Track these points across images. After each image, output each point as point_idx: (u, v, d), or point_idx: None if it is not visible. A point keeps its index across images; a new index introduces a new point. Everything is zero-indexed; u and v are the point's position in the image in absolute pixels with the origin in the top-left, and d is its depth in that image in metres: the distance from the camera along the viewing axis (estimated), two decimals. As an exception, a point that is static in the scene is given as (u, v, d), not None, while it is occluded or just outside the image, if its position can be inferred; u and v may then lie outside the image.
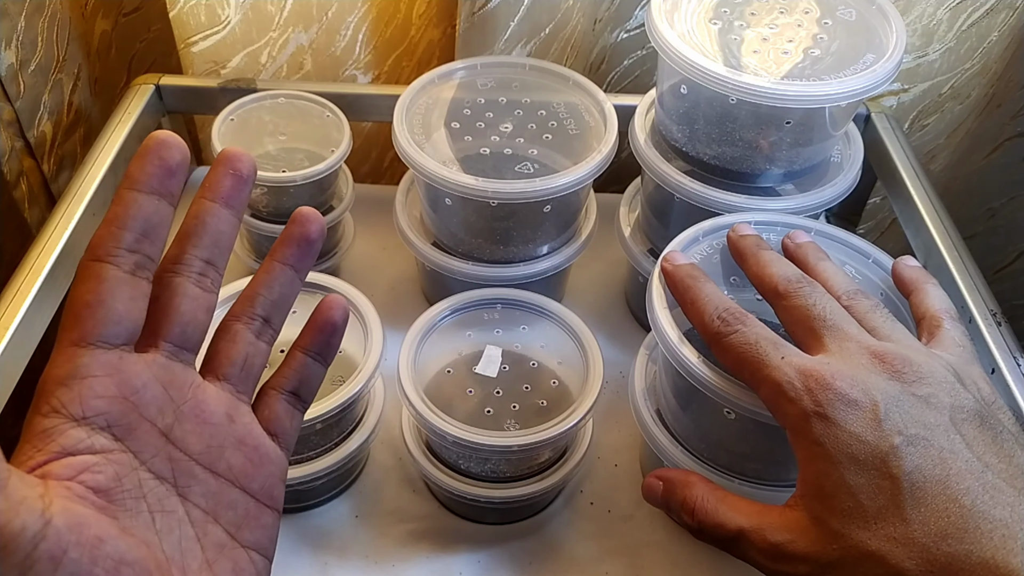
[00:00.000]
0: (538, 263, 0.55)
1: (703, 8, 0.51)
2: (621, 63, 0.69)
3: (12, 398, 0.46)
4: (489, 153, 0.53)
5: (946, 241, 0.54)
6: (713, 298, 0.40)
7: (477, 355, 0.48)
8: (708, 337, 0.39)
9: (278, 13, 0.63)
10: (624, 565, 0.47)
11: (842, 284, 0.41)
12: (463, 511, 0.49)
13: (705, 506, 0.37)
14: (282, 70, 0.66)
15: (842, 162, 0.54)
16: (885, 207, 0.75)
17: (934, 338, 0.39)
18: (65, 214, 0.52)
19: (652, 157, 0.53)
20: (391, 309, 0.58)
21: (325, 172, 0.55)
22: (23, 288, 0.48)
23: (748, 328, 0.38)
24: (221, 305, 0.49)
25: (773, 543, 0.34)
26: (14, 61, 0.57)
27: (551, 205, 0.52)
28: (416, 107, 0.55)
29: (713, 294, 0.40)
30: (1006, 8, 0.63)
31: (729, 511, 0.37)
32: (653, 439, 0.45)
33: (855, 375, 0.35)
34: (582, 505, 0.50)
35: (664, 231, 0.55)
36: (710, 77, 0.46)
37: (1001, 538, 0.31)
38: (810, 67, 0.48)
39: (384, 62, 0.67)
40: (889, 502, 0.32)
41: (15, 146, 0.60)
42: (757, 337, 0.37)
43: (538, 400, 0.46)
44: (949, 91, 0.68)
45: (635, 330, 0.60)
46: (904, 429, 0.33)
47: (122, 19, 0.71)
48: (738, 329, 0.38)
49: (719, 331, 0.38)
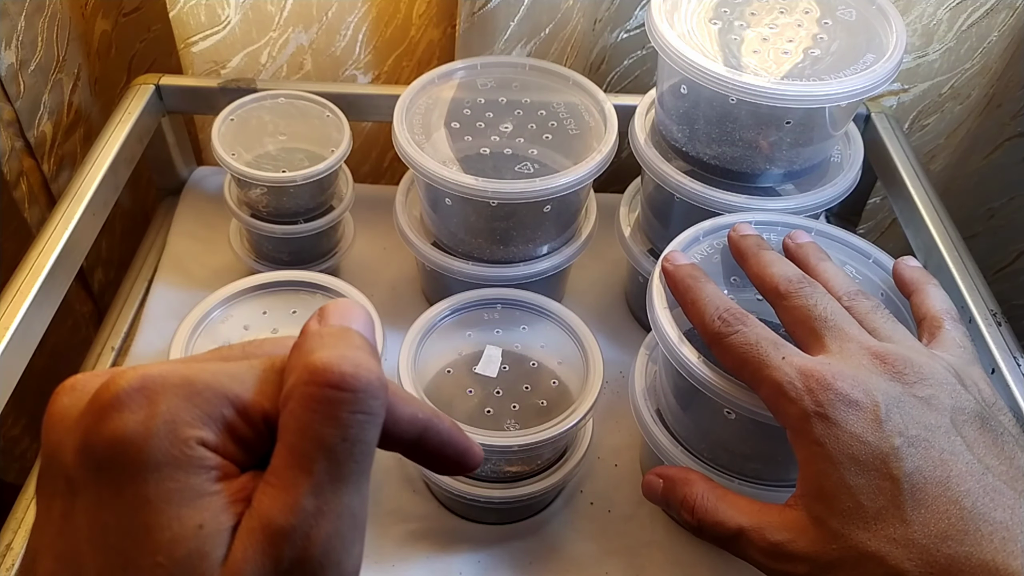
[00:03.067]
0: (538, 263, 0.55)
1: (703, 8, 0.51)
2: (621, 63, 0.69)
3: (12, 398, 0.46)
4: (489, 153, 0.53)
5: (946, 241, 0.54)
6: (714, 298, 0.40)
7: (477, 355, 0.48)
8: (709, 337, 0.39)
9: (278, 13, 0.63)
10: (624, 565, 0.47)
11: (843, 285, 0.41)
12: (463, 511, 0.49)
13: (705, 504, 0.37)
14: (282, 70, 0.66)
15: (842, 162, 0.54)
16: (885, 207, 0.75)
17: (935, 339, 0.39)
18: (65, 214, 0.52)
19: (652, 157, 0.53)
20: (391, 309, 0.58)
21: (325, 172, 0.55)
22: (23, 288, 0.48)
23: (748, 328, 0.38)
24: (221, 305, 0.49)
25: (773, 542, 0.34)
26: (14, 61, 0.57)
27: (551, 205, 0.52)
28: (416, 107, 0.55)
29: (714, 294, 0.40)
30: (1006, 8, 0.63)
31: (729, 509, 0.37)
32: (653, 439, 0.45)
33: (856, 376, 0.35)
34: (582, 505, 0.50)
35: (664, 231, 0.55)
36: (710, 77, 0.46)
37: (1001, 540, 0.31)
38: (810, 67, 0.48)
39: (384, 62, 0.67)
40: (889, 503, 0.32)
41: (15, 146, 0.60)
42: (758, 337, 0.37)
43: (538, 400, 0.46)
44: (949, 91, 0.68)
45: (635, 330, 0.60)
46: (905, 430, 0.33)
47: (122, 19, 0.71)
48: (739, 329, 0.38)
49: (720, 331, 0.38)
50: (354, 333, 0.23)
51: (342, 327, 0.23)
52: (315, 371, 0.21)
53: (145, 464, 0.20)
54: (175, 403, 0.21)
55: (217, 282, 0.51)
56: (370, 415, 0.21)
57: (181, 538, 0.20)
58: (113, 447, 0.21)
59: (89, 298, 0.71)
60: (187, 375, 0.22)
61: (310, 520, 0.21)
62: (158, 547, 0.20)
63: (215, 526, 0.20)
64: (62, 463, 0.22)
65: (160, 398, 0.21)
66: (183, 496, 0.20)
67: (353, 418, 0.21)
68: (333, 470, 0.21)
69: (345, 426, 0.21)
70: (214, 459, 0.21)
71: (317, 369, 0.21)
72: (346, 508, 0.21)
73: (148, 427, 0.21)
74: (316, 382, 0.21)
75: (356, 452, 0.21)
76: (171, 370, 0.22)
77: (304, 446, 0.21)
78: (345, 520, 0.21)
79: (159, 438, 0.21)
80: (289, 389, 0.22)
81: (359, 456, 0.21)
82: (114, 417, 0.21)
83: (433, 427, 0.25)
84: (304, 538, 0.20)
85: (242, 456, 0.22)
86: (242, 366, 0.23)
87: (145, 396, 0.21)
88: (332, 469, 0.21)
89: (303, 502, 0.20)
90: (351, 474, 0.21)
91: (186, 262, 0.62)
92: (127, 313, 0.59)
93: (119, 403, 0.21)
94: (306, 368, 0.21)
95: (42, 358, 0.50)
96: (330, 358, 0.21)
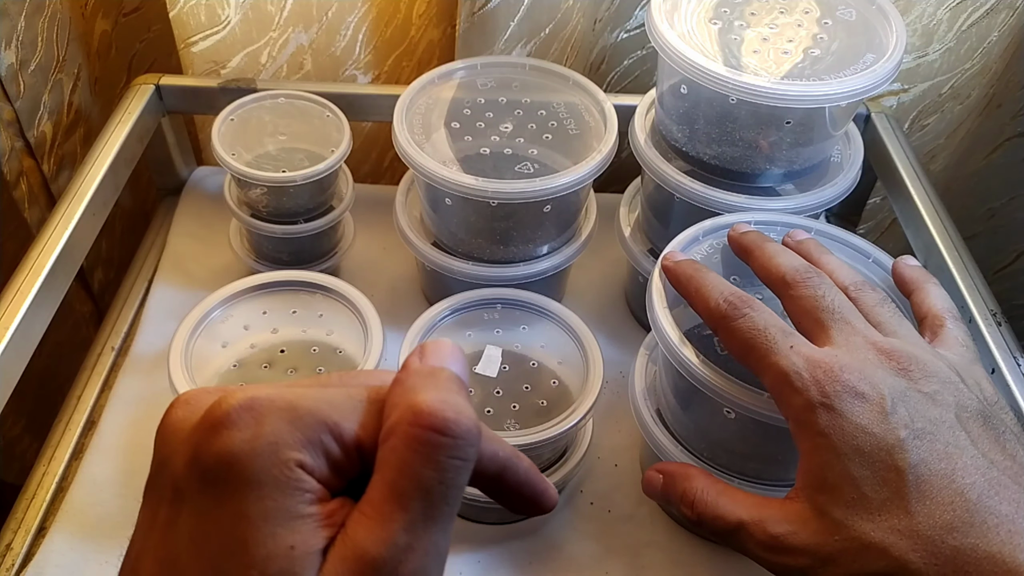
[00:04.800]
0: (538, 263, 0.55)
1: (703, 8, 0.51)
2: (621, 63, 0.69)
3: (12, 398, 0.46)
4: (489, 153, 0.53)
5: (946, 241, 0.54)
6: (718, 284, 0.40)
7: (477, 355, 0.48)
8: (714, 321, 0.39)
9: (278, 13, 0.63)
10: (624, 565, 0.47)
11: (848, 276, 0.41)
12: (463, 511, 0.49)
13: (705, 498, 0.37)
14: (282, 70, 0.66)
15: (842, 162, 0.54)
16: (885, 207, 0.75)
17: (937, 337, 0.39)
18: (65, 214, 0.52)
19: (652, 157, 0.53)
20: (391, 309, 0.58)
21: (325, 172, 0.55)
22: (23, 288, 0.48)
23: (756, 313, 0.37)
24: (221, 305, 0.49)
25: (773, 535, 0.34)
26: (14, 61, 0.57)
27: (551, 205, 0.52)
28: (416, 107, 0.55)
29: (718, 280, 0.40)
30: (1006, 8, 0.63)
31: (729, 503, 0.36)
32: (653, 439, 0.45)
33: (863, 369, 0.35)
34: (582, 505, 0.50)
35: (664, 231, 0.55)
36: (710, 77, 0.46)
37: (1008, 533, 0.31)
38: (810, 67, 0.48)
39: (384, 62, 0.67)
40: (894, 494, 0.32)
41: (15, 146, 0.60)
42: (766, 323, 0.37)
43: (538, 400, 0.46)
44: (949, 91, 0.68)
45: (635, 330, 0.60)
46: (911, 423, 0.33)
47: (122, 19, 0.71)
48: (746, 313, 0.37)
49: (726, 314, 0.38)
50: (453, 376, 0.24)
51: (442, 368, 0.24)
52: (419, 413, 0.22)
53: (248, 481, 0.22)
54: (279, 426, 0.22)
55: (217, 282, 0.51)
56: (466, 460, 0.23)
57: (275, 556, 0.21)
58: (220, 462, 0.22)
59: (89, 298, 0.71)
60: (291, 400, 0.23)
61: (401, 555, 0.22)
62: (253, 562, 0.21)
63: (306, 548, 0.21)
64: (172, 472, 0.23)
65: (266, 420, 0.22)
66: (280, 515, 0.22)
67: (451, 463, 0.22)
68: (427, 509, 0.22)
69: (443, 469, 0.22)
70: (310, 482, 0.22)
71: (422, 412, 0.22)
72: (434, 546, 0.22)
73: (253, 446, 0.22)
74: (420, 424, 0.22)
75: (450, 495, 0.22)
76: (278, 394, 0.23)
77: (403, 483, 0.22)
78: (432, 557, 0.22)
79: (263, 457, 0.22)
80: (391, 425, 0.23)
81: (451, 499, 0.23)
82: (223, 434, 0.22)
83: (512, 466, 0.26)
84: (393, 572, 0.21)
85: (335, 480, 0.23)
86: (341, 394, 0.24)
87: (253, 416, 0.22)
88: (427, 509, 0.22)
89: (396, 537, 0.22)
90: (442, 515, 0.22)
91: (186, 262, 0.62)
92: (127, 313, 0.59)
93: (229, 421, 0.22)
94: (410, 408, 0.22)
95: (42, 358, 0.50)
96: (434, 402, 0.22)
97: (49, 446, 0.51)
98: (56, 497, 0.48)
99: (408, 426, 0.22)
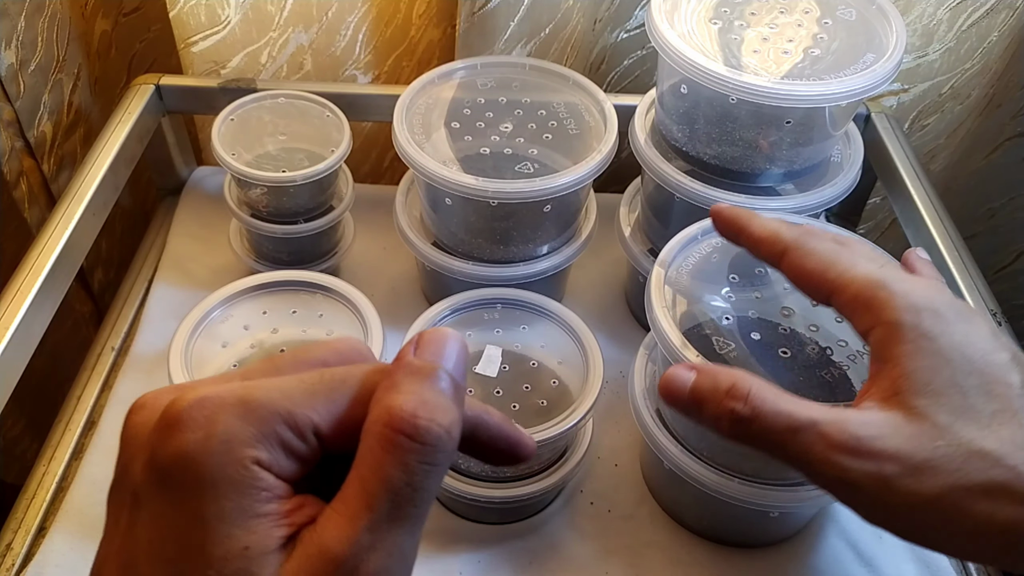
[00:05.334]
0: (538, 263, 0.55)
1: (703, 8, 0.51)
2: (621, 63, 0.69)
3: (12, 398, 0.46)
4: (489, 153, 0.53)
5: (946, 241, 0.54)
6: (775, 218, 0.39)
7: (477, 355, 0.48)
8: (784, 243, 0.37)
9: (278, 13, 0.63)
10: (624, 565, 0.47)
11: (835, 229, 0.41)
12: (463, 511, 0.49)
13: (763, 394, 0.32)
14: (282, 70, 0.66)
15: (842, 162, 0.54)
16: (885, 207, 0.75)
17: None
18: (65, 214, 0.52)
19: (652, 157, 0.53)
20: (391, 309, 0.58)
21: (325, 172, 0.55)
22: (23, 288, 0.48)
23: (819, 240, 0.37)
24: (221, 305, 0.49)
25: (856, 435, 0.31)
26: (14, 61, 0.57)
27: (551, 205, 0.52)
28: (416, 107, 0.55)
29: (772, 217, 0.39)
30: (1006, 8, 0.63)
31: (793, 401, 0.32)
32: (653, 439, 0.45)
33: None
34: (582, 505, 0.50)
35: (664, 231, 0.55)
36: (710, 77, 0.46)
37: None
38: (810, 67, 0.48)
39: (384, 62, 0.67)
40: (1004, 407, 0.31)
41: (15, 146, 0.60)
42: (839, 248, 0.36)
43: (538, 400, 0.46)
44: (949, 91, 0.68)
45: (635, 330, 0.60)
46: (1011, 347, 0.33)
47: (122, 19, 0.71)
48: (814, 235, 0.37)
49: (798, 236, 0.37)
50: (443, 375, 0.24)
51: (432, 365, 0.24)
52: (393, 415, 0.22)
53: (203, 482, 0.21)
54: (232, 423, 0.22)
55: (217, 282, 0.51)
56: (436, 466, 0.22)
57: (231, 556, 0.21)
58: (175, 464, 0.22)
59: (89, 298, 0.71)
60: (242, 395, 0.23)
61: (363, 554, 0.21)
62: (209, 563, 0.21)
63: (261, 548, 0.21)
64: (132, 477, 0.23)
65: (218, 418, 0.22)
66: (235, 515, 0.21)
67: (420, 467, 0.22)
68: (393, 511, 0.22)
69: (412, 472, 0.22)
70: (268, 479, 0.22)
71: (394, 415, 0.22)
72: (397, 548, 0.22)
73: (207, 446, 0.22)
74: (392, 426, 0.22)
75: (417, 497, 0.22)
76: (228, 390, 0.23)
77: (372, 483, 0.22)
78: (395, 558, 0.22)
79: (217, 456, 0.22)
80: (370, 424, 0.23)
81: (419, 501, 0.22)
82: (176, 436, 0.22)
83: (482, 423, 0.26)
84: (353, 569, 0.21)
85: (295, 468, 0.23)
86: (293, 381, 0.24)
87: (204, 416, 0.22)
88: (392, 510, 0.22)
89: (360, 536, 0.22)
90: (408, 517, 0.22)
91: (186, 262, 0.62)
92: (127, 313, 0.59)
93: (181, 422, 0.22)
94: (387, 409, 0.23)
95: (42, 358, 0.50)
96: (409, 405, 0.22)
97: (49, 446, 0.51)
98: (56, 497, 0.48)
99: (382, 427, 0.22)
